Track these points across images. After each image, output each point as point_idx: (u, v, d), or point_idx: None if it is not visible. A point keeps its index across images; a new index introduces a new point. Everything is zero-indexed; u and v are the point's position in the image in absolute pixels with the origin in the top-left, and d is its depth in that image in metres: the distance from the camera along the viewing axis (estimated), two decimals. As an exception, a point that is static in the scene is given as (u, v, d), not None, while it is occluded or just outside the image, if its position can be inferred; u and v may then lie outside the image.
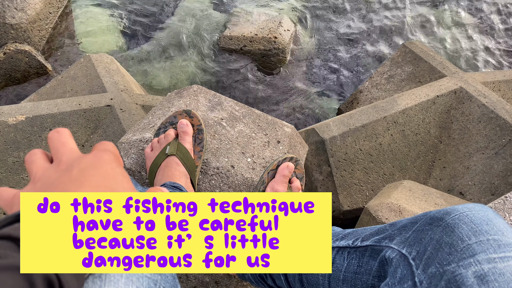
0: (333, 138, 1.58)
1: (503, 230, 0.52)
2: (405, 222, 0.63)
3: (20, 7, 2.22)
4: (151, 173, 1.00)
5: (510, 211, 1.04)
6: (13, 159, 1.44)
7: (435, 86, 1.81)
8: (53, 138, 0.46)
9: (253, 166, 1.11)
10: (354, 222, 1.57)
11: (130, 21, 2.72)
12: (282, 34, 2.58)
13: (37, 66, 2.29)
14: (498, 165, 1.58)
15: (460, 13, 3.16)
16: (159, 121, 1.15)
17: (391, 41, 2.91)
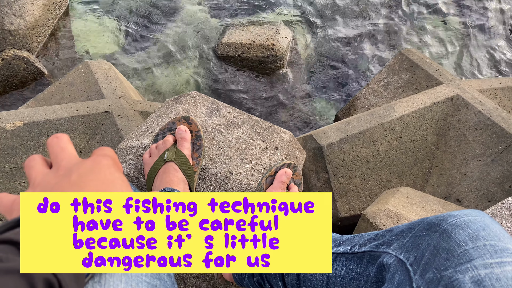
0: (331, 145, 1.58)
1: (499, 235, 0.53)
2: (403, 228, 0.63)
3: (18, 13, 2.23)
4: (149, 179, 1.00)
5: (507, 217, 1.05)
6: (10, 165, 1.44)
7: (432, 93, 1.82)
8: (52, 143, 0.46)
9: (251, 173, 1.11)
10: (351, 228, 1.57)
11: (128, 28, 2.73)
12: (279, 41, 2.59)
13: (35, 72, 2.29)
14: (494, 172, 1.59)
15: (456, 21, 3.18)
16: (157, 127, 1.15)
17: (388, 48, 2.93)
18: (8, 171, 1.43)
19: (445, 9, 3.25)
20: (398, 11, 3.18)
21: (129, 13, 2.81)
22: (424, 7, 3.23)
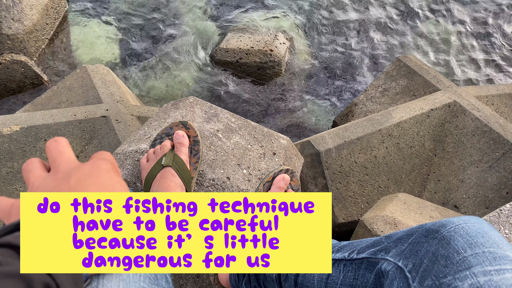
0: (328, 151, 1.58)
1: (498, 242, 0.53)
2: (401, 235, 0.63)
3: (17, 17, 2.23)
4: (146, 184, 1.00)
5: (505, 224, 1.05)
6: (6, 169, 1.43)
7: (429, 99, 1.83)
8: (51, 147, 0.46)
9: (248, 178, 1.11)
10: (349, 234, 1.56)
11: (127, 33, 2.73)
12: (278, 47, 2.60)
13: (33, 77, 2.28)
14: (492, 178, 1.59)
15: (454, 28, 3.20)
16: (155, 132, 1.15)
17: (386, 54, 2.95)
18: (5, 176, 1.42)
19: (443, 15, 3.27)
20: (395, 18, 3.19)
21: (127, 19, 2.81)
22: (423, 13, 3.25)
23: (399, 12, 3.23)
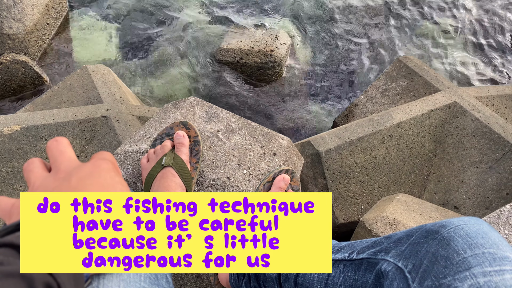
0: (329, 151, 1.58)
1: (498, 243, 0.53)
2: (401, 235, 0.63)
3: (17, 17, 2.23)
4: (147, 184, 1.00)
5: (505, 225, 1.05)
6: (7, 169, 1.43)
7: (430, 100, 1.83)
8: (52, 146, 0.46)
9: (249, 178, 1.11)
10: (349, 235, 1.56)
11: (127, 33, 2.73)
12: (278, 47, 2.60)
13: (34, 77, 2.29)
14: (492, 179, 1.59)
15: (454, 29, 3.20)
16: (155, 132, 1.15)
17: (387, 55, 2.95)
18: (5, 175, 1.42)
19: (443, 16, 3.27)
20: (396, 19, 3.19)
21: (128, 19, 2.81)
22: (422, 15, 3.25)
23: (399, 13, 3.24)
